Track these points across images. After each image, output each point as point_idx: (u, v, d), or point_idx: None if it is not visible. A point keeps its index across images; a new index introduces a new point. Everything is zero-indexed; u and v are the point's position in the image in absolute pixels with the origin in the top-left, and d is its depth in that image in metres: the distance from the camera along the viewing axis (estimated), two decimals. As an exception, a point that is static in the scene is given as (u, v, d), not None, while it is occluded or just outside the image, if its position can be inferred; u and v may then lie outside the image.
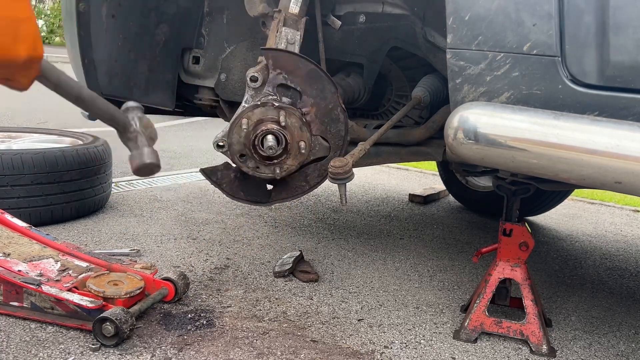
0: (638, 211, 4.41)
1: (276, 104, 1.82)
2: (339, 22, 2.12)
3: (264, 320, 1.91)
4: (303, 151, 1.87)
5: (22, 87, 0.85)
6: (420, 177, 4.95)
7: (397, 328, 1.96)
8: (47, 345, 1.63)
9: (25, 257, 1.91)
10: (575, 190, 4.10)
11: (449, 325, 2.03)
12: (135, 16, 2.26)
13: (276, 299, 2.11)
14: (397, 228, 3.25)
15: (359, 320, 2.00)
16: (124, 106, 1.08)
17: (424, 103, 2.11)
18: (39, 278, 1.77)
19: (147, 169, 1.04)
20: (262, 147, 1.85)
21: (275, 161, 1.89)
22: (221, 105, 2.42)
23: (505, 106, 1.55)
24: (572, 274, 2.74)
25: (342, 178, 1.75)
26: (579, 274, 2.75)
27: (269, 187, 2.07)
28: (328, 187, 3.97)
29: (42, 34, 17.68)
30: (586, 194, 4.76)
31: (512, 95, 1.56)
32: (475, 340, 1.91)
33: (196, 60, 2.39)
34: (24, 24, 0.77)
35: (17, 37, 0.76)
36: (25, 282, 1.73)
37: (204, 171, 2.05)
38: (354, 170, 1.78)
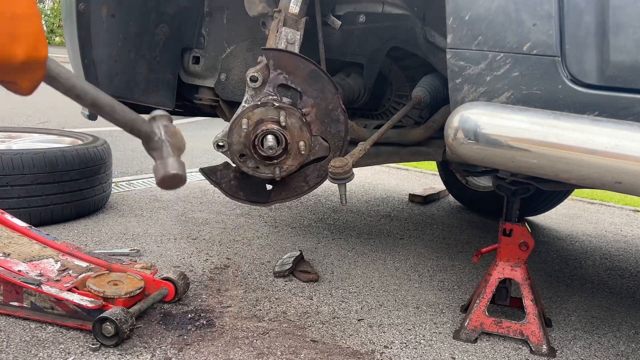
0: (638, 211, 4.41)
1: (276, 104, 1.82)
2: (339, 22, 2.12)
3: (264, 320, 1.91)
4: (303, 151, 1.87)
5: (24, 91, 0.77)
6: (420, 177, 4.95)
7: (397, 328, 1.96)
8: (47, 345, 1.63)
9: (25, 257, 1.91)
10: (575, 190, 4.10)
11: (449, 325, 2.03)
12: (135, 16, 2.26)
13: (276, 299, 2.11)
14: (397, 228, 3.25)
15: (359, 320, 2.00)
16: (151, 115, 0.99)
17: (424, 103, 2.11)
18: (39, 278, 1.77)
19: (171, 181, 0.93)
20: (262, 147, 1.85)
21: (275, 161, 1.89)
22: (221, 105, 2.42)
23: (505, 106, 1.55)
24: (572, 274, 2.74)
25: (342, 178, 1.75)
26: (579, 274, 2.75)
27: (269, 187, 2.07)
28: (328, 187, 3.97)
29: (42, 33, 17.68)
30: (586, 194, 4.76)
31: (512, 95, 1.56)
32: (475, 340, 1.91)
33: (196, 60, 2.39)
34: (25, 21, 0.70)
35: (15, 36, 0.69)
36: (25, 282, 1.73)
37: (203, 171, 2.05)
38: (354, 170, 1.79)
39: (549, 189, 3.12)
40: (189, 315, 1.88)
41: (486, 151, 1.53)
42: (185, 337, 1.74)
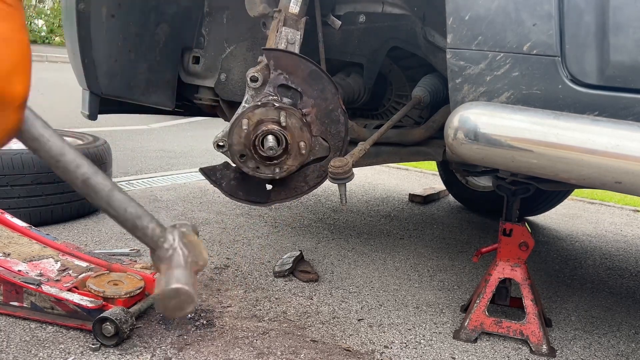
0: (638, 211, 4.41)
1: (277, 105, 1.82)
2: (339, 22, 2.12)
3: (264, 320, 1.91)
4: (303, 152, 1.87)
5: None
6: (420, 177, 4.95)
7: (397, 328, 1.96)
8: (47, 345, 1.63)
9: (25, 257, 1.91)
10: (575, 190, 4.10)
11: (449, 325, 2.03)
12: (135, 16, 2.26)
13: (276, 299, 2.11)
14: (397, 228, 3.25)
15: (359, 320, 2.00)
16: (172, 224, 0.78)
17: (424, 103, 2.11)
18: (39, 278, 1.77)
19: (175, 299, 0.66)
20: (263, 147, 1.85)
21: (276, 161, 1.89)
22: (221, 105, 2.42)
23: (505, 106, 1.55)
24: (572, 274, 2.74)
25: (342, 178, 1.75)
26: (579, 274, 2.75)
27: (269, 187, 2.07)
28: (328, 187, 3.97)
29: (42, 33, 17.66)
30: (586, 194, 4.76)
31: (512, 95, 1.56)
32: (475, 340, 1.91)
33: (196, 60, 2.39)
34: (3, 45, 0.54)
35: None
36: (25, 282, 1.73)
37: (203, 171, 2.05)
38: (354, 170, 1.79)
39: (549, 189, 3.12)
40: (189, 315, 1.88)
41: (486, 151, 1.53)
42: (185, 337, 1.74)
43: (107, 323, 1.61)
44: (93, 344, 1.63)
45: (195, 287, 0.68)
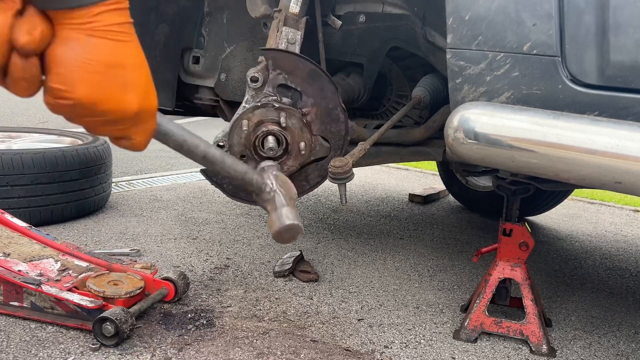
0: (638, 211, 4.41)
1: (277, 105, 1.82)
2: (339, 22, 2.12)
3: (264, 320, 1.91)
4: (303, 152, 1.87)
5: (139, 146, 0.72)
6: (420, 177, 4.95)
7: (397, 328, 1.96)
8: (47, 345, 1.63)
9: (25, 257, 1.91)
10: (575, 190, 4.10)
11: (449, 325, 2.03)
12: (135, 16, 2.25)
13: (276, 298, 2.11)
14: (397, 228, 3.25)
15: (359, 320, 2.00)
16: (260, 166, 0.97)
17: (424, 103, 2.11)
18: (39, 278, 1.77)
19: (288, 232, 0.90)
20: (263, 148, 1.85)
21: (276, 162, 1.89)
22: (221, 105, 2.42)
23: (505, 106, 1.55)
24: (572, 274, 2.74)
25: (342, 178, 1.75)
26: (579, 274, 2.75)
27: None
28: (328, 187, 3.97)
29: (42, 34, 17.69)
30: (586, 194, 4.76)
31: (512, 95, 1.56)
32: (475, 340, 1.91)
33: (196, 60, 2.39)
34: (134, 70, 0.67)
35: (126, 85, 0.66)
36: (25, 282, 1.73)
37: (205, 172, 2.05)
38: (354, 170, 1.79)
39: (549, 189, 3.12)
40: (189, 315, 1.88)
41: (486, 151, 1.53)
42: (185, 337, 1.74)
43: (107, 323, 1.61)
44: (93, 344, 1.63)
45: (299, 217, 0.91)
